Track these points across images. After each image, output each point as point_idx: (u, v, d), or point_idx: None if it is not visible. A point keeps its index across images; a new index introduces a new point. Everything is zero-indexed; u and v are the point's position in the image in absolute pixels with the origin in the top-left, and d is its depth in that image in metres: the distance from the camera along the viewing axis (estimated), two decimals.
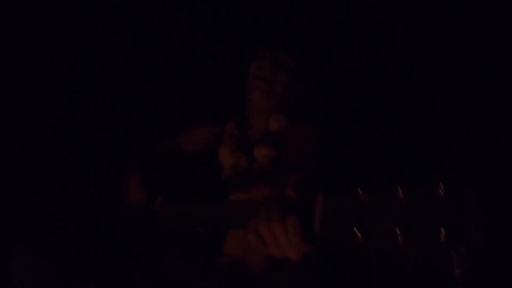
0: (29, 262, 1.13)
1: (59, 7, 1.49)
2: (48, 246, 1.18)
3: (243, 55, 1.35)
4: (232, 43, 1.57)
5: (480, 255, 0.72)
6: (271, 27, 1.50)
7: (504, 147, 1.33)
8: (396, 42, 1.53)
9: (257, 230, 0.88)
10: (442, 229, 0.73)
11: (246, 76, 1.32)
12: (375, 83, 1.49)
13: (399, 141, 1.32)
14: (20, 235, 1.22)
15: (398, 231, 0.75)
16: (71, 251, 1.19)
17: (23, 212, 1.40)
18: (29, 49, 1.51)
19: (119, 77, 1.57)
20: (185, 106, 1.56)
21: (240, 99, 1.35)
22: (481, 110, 1.39)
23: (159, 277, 1.21)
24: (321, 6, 1.55)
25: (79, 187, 1.47)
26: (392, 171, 1.15)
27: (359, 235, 0.79)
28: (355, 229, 0.78)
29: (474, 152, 1.34)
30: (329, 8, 1.55)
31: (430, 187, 0.75)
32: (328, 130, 1.28)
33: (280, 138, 1.27)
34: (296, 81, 1.30)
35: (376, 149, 1.23)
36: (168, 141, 1.41)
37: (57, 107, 1.53)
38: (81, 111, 1.55)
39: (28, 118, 1.49)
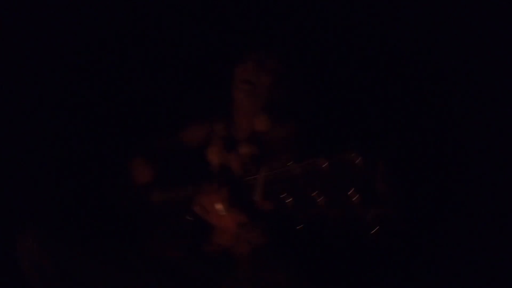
0: (35, 244, 1.27)
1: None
2: (53, 229, 1.33)
3: (229, 57, 1.44)
4: (219, 46, 1.65)
5: (393, 217, 0.81)
6: (256, 29, 1.58)
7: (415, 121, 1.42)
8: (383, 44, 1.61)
9: (200, 201, 1.08)
10: (357, 194, 0.82)
11: (232, 79, 1.40)
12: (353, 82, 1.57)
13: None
14: (26, 218, 1.38)
15: (320, 198, 0.85)
16: (73, 235, 1.34)
17: (28, 196, 1.55)
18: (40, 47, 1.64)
19: (113, 77, 1.71)
20: (176, 107, 1.68)
21: (227, 100, 1.43)
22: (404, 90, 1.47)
23: (150, 258, 1.33)
24: (304, 6, 1.63)
25: (82, 173, 1.61)
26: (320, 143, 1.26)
27: (291, 203, 0.89)
28: (283, 198, 0.89)
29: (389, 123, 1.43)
30: (313, 8, 1.63)
31: (350, 157, 0.85)
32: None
33: (263, 137, 1.36)
34: (279, 82, 1.36)
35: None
36: (160, 140, 1.55)
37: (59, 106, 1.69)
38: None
39: (36, 107, 1.64)
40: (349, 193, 0.83)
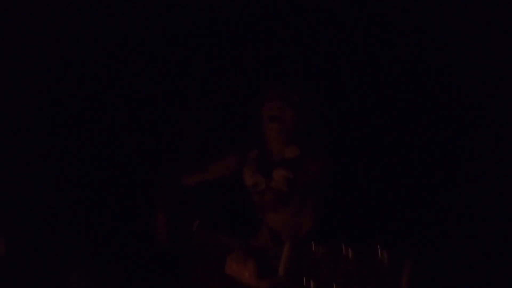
0: (85, 278, 1.40)
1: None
2: (102, 264, 1.46)
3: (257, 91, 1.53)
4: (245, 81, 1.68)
5: None
6: (278, 66, 1.66)
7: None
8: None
9: (230, 266, 1.16)
10: None
11: (258, 111, 1.50)
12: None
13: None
14: (78, 254, 1.50)
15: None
16: (122, 269, 1.45)
17: (81, 233, 1.66)
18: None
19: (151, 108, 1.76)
20: (212, 136, 1.70)
21: (259, 130, 1.52)
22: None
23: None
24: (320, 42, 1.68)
25: (126, 213, 1.70)
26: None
27: (312, 285, 0.87)
28: (304, 278, 0.91)
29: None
30: (328, 43, 1.67)
31: (375, 251, 0.81)
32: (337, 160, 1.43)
33: (295, 163, 1.45)
34: (302, 112, 1.46)
35: None
36: (198, 170, 1.60)
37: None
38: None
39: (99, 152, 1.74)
40: None
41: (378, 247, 0.82)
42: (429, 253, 1.38)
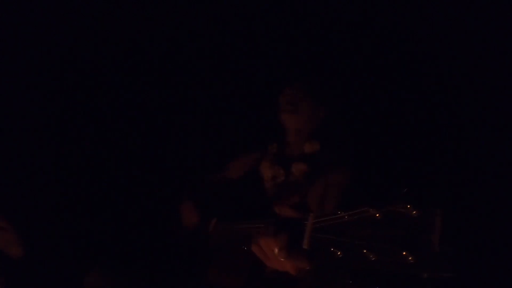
0: (102, 280, 1.38)
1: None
2: (119, 266, 1.43)
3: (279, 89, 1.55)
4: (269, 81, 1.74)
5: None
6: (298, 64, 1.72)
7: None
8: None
9: (259, 243, 1.02)
10: (409, 253, 0.76)
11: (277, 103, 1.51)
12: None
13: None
14: (94, 255, 1.49)
15: (370, 253, 0.80)
16: (138, 270, 1.43)
17: (97, 234, 1.66)
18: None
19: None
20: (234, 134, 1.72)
21: (280, 126, 1.52)
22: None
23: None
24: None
25: (143, 214, 1.70)
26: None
27: (339, 254, 0.84)
28: (332, 249, 0.84)
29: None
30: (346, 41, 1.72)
31: (402, 207, 0.79)
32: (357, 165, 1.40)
33: (315, 158, 1.44)
34: (320, 103, 1.47)
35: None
36: (219, 170, 1.63)
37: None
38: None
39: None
40: (403, 252, 0.77)
41: (405, 202, 0.77)
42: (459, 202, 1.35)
